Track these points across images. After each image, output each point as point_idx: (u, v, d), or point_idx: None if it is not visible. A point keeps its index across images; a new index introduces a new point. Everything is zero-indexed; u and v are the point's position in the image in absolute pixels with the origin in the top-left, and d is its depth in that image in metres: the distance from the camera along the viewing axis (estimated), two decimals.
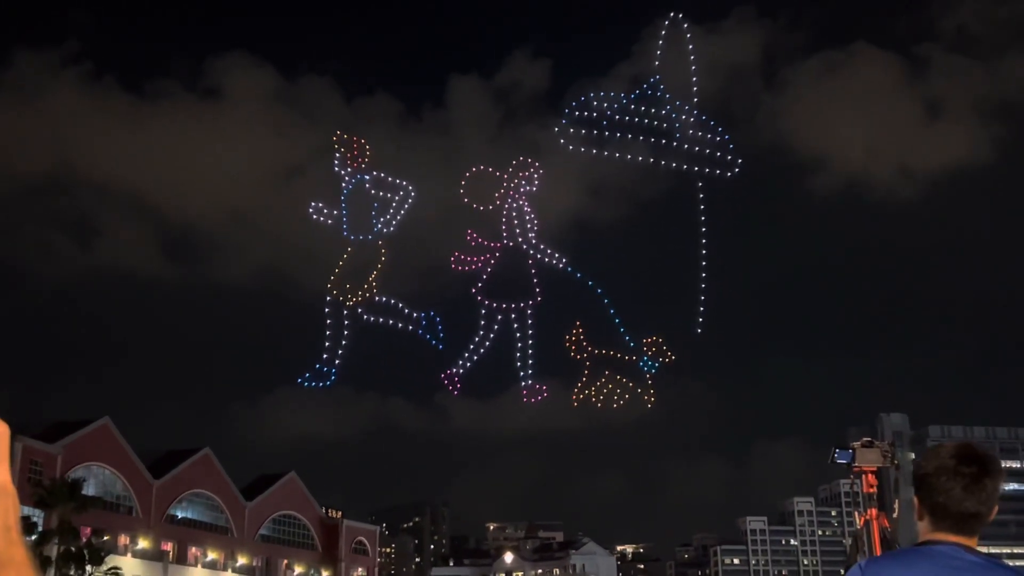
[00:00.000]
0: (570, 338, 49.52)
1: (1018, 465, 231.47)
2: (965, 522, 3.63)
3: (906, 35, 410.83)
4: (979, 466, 3.63)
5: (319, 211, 49.21)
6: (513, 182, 49.26)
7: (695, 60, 50.48)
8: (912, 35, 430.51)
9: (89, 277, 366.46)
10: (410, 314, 49.66)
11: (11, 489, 1.89)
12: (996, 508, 3.71)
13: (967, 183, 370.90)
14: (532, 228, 49.78)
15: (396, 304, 49.52)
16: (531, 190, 49.72)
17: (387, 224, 48.66)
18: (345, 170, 48.70)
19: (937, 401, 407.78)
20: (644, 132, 49.22)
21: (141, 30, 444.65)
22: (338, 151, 49.00)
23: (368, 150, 49.27)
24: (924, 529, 3.73)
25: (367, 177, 48.95)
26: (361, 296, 48.40)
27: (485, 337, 49.47)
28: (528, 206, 49.84)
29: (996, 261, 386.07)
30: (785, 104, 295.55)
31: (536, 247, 49.81)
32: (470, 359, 49.64)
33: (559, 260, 50.53)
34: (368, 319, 48.87)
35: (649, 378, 49.83)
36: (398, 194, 48.99)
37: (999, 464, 3.73)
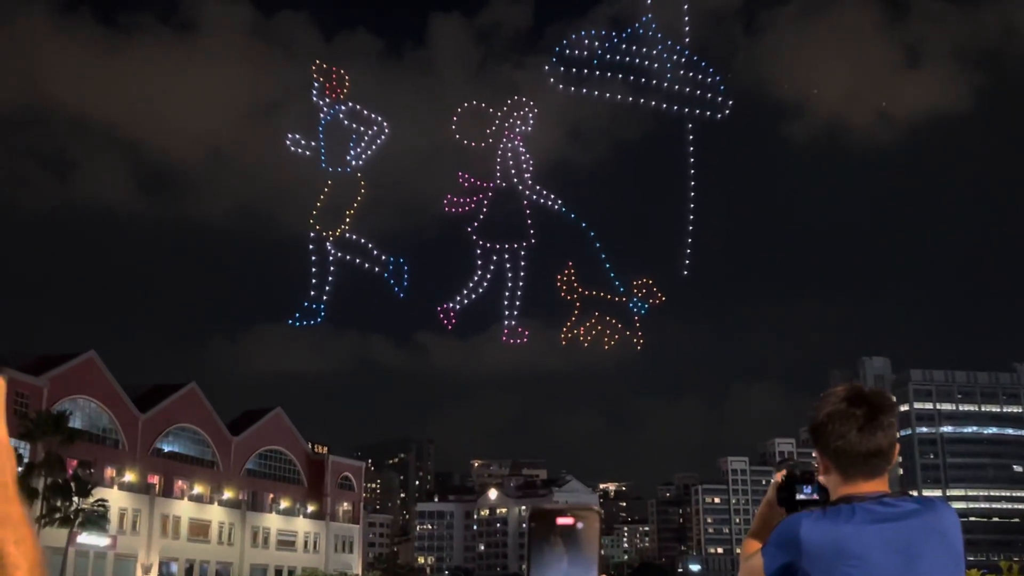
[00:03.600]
0: (561, 279, 49.46)
1: (998, 409, 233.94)
2: (868, 462, 3.57)
3: None
4: (870, 405, 3.59)
5: (296, 143, 48.60)
6: (507, 121, 48.76)
7: (686, 1, 49.86)
8: None
9: (67, 210, 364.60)
10: (379, 256, 49.35)
11: (9, 447, 1.91)
12: (898, 446, 3.66)
13: (947, 129, 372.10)
14: (527, 168, 49.44)
15: (367, 244, 49.20)
16: (526, 130, 49.26)
17: (359, 157, 48.07)
18: (323, 101, 47.97)
19: (919, 345, 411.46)
20: (632, 73, 48.76)
21: None
22: (316, 81, 48.21)
23: (347, 81, 48.61)
24: (834, 483, 3.65)
25: (343, 108, 48.27)
26: (339, 231, 48.12)
27: (483, 277, 49.31)
28: (523, 146, 49.45)
29: (978, 206, 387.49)
30: (764, 49, 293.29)
31: (531, 188, 49.50)
32: (468, 296, 49.58)
33: (554, 201, 50.28)
34: (341, 256, 48.58)
35: (637, 320, 49.92)
36: (372, 128, 48.40)
37: (891, 400, 3.69)
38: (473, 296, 49.49)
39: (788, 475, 3.92)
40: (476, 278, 49.34)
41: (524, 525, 3.23)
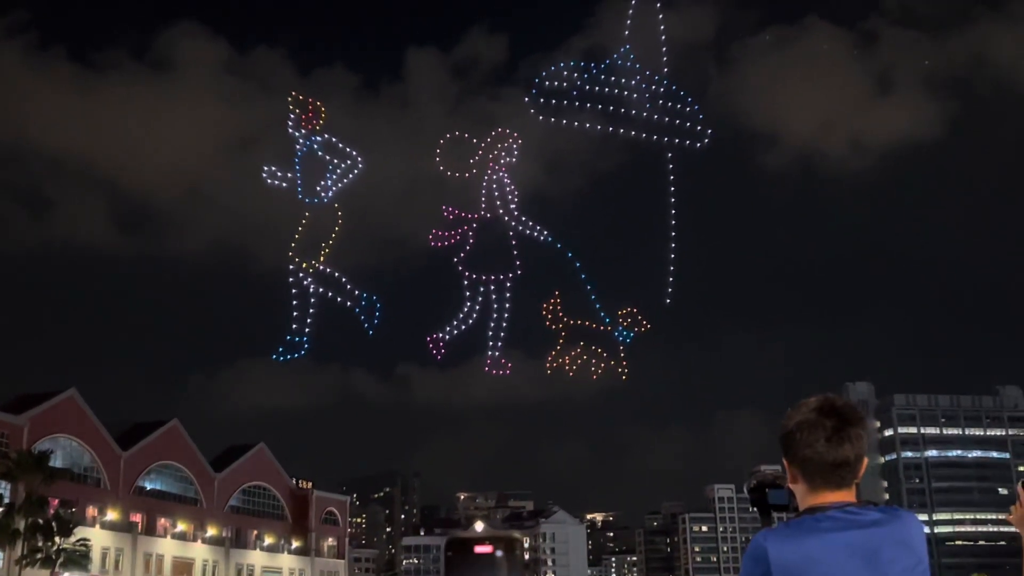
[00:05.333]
0: (547, 308, 49.52)
1: (981, 432, 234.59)
2: (834, 473, 3.63)
3: (854, 9, 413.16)
4: (840, 417, 3.64)
5: (273, 175, 48.54)
6: (492, 153, 48.97)
7: (663, 32, 50.38)
8: (859, 9, 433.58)
9: (45, 248, 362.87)
10: (352, 291, 49.28)
11: None
12: (865, 459, 3.71)
13: (921, 155, 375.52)
14: (512, 199, 49.60)
15: (340, 278, 49.15)
16: (511, 161, 49.50)
17: (328, 189, 48.04)
18: (299, 132, 48.04)
19: (901, 370, 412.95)
20: (611, 103, 49.11)
21: (88, 1, 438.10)
22: (292, 112, 48.31)
23: (323, 112, 48.72)
24: (802, 492, 3.73)
25: (319, 139, 48.35)
26: (315, 265, 48.10)
27: (472, 307, 49.29)
28: (507, 177, 49.65)
29: (955, 231, 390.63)
30: (736, 80, 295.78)
31: (516, 218, 49.65)
32: (458, 327, 49.51)
33: (539, 231, 50.43)
34: (317, 290, 48.53)
35: (623, 349, 49.98)
36: (346, 162, 48.51)
37: (860, 413, 3.73)
38: (463, 327, 49.46)
39: (760, 481, 4.07)
40: (465, 308, 49.33)
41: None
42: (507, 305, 49.56)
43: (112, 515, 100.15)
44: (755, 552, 3.59)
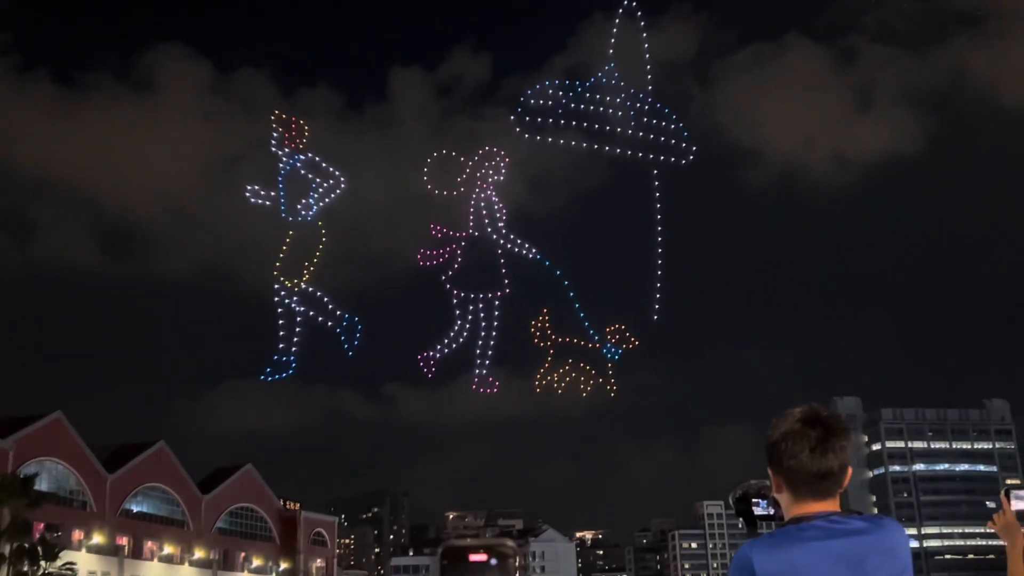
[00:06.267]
0: (535, 325, 49.54)
1: (968, 446, 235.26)
2: (818, 483, 3.67)
3: (833, 26, 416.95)
4: (824, 427, 3.67)
5: (256, 193, 48.48)
6: (479, 171, 49.08)
7: (647, 51, 50.68)
8: (839, 26, 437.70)
9: (28, 271, 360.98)
10: (334, 311, 49.20)
11: None
12: (851, 469, 3.76)
13: (902, 169, 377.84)
14: (500, 218, 49.68)
15: (322, 298, 49.09)
16: (498, 179, 49.61)
17: (311, 207, 48.06)
18: (282, 150, 48.06)
19: (889, 384, 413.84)
20: (596, 121, 49.31)
21: (70, 21, 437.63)
22: (275, 130, 48.34)
23: (306, 130, 48.78)
24: (786, 502, 3.78)
25: (303, 158, 48.40)
26: (299, 284, 48.05)
27: (464, 325, 49.24)
28: (495, 196, 49.74)
29: (939, 244, 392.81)
30: (718, 98, 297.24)
31: (505, 236, 49.71)
32: (449, 345, 49.45)
33: (528, 249, 50.50)
34: (300, 309, 48.48)
35: (611, 366, 50.01)
36: (328, 181, 48.57)
37: (845, 424, 3.76)
38: (454, 345, 49.41)
39: (745, 491, 4.11)
40: (456, 326, 49.28)
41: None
42: (495, 323, 49.58)
43: (98, 538, 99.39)
44: (741, 562, 3.63)
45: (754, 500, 4.13)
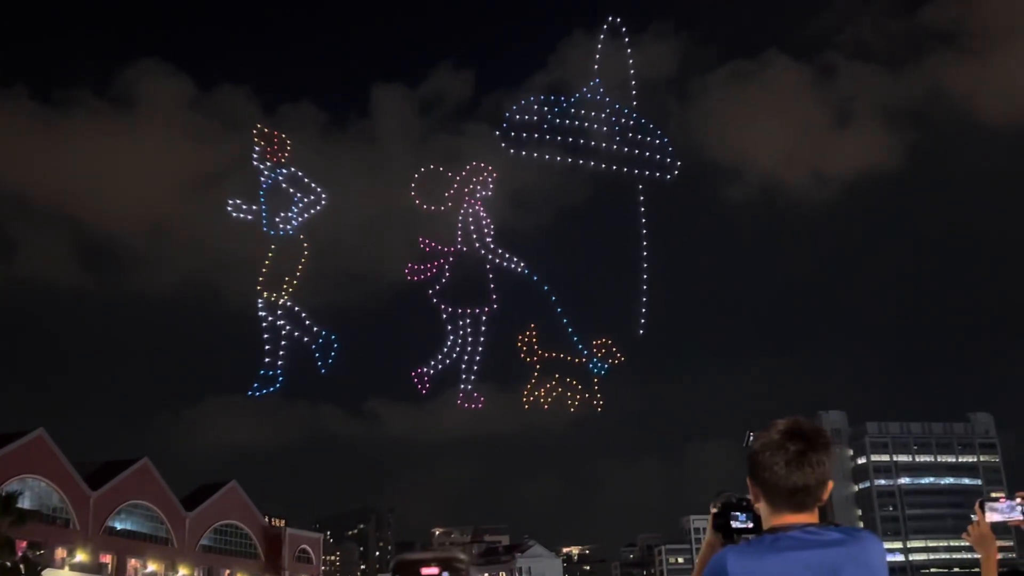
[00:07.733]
0: (522, 340, 49.50)
1: (953, 459, 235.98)
2: (794, 496, 3.68)
3: (812, 44, 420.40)
4: (804, 441, 3.68)
5: (237, 208, 48.33)
6: (467, 186, 49.14)
7: (631, 67, 50.90)
8: (817, 44, 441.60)
9: (8, 289, 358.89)
10: (310, 327, 49.01)
11: None
12: (830, 483, 3.75)
13: (882, 185, 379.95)
14: (487, 232, 49.70)
15: (300, 314, 48.93)
16: (487, 194, 49.68)
17: (292, 221, 47.97)
18: (264, 164, 47.96)
19: (873, 398, 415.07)
20: (580, 136, 49.46)
21: (48, 38, 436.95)
22: (257, 144, 48.21)
23: (288, 144, 48.72)
24: (765, 513, 3.80)
25: (284, 172, 48.33)
26: (280, 299, 47.91)
27: (455, 341, 49.16)
28: (483, 211, 49.78)
29: (922, 257, 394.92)
30: (697, 114, 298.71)
31: (492, 251, 49.71)
32: (443, 361, 49.35)
33: (515, 263, 50.51)
34: (282, 325, 48.34)
35: (597, 381, 49.98)
36: (310, 196, 48.52)
37: (827, 437, 3.77)
38: (447, 360, 49.31)
39: (724, 504, 4.10)
40: (449, 342, 49.18)
41: None
42: (481, 338, 49.53)
43: (81, 556, 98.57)
44: (715, 568, 3.66)
45: (733, 513, 4.12)
